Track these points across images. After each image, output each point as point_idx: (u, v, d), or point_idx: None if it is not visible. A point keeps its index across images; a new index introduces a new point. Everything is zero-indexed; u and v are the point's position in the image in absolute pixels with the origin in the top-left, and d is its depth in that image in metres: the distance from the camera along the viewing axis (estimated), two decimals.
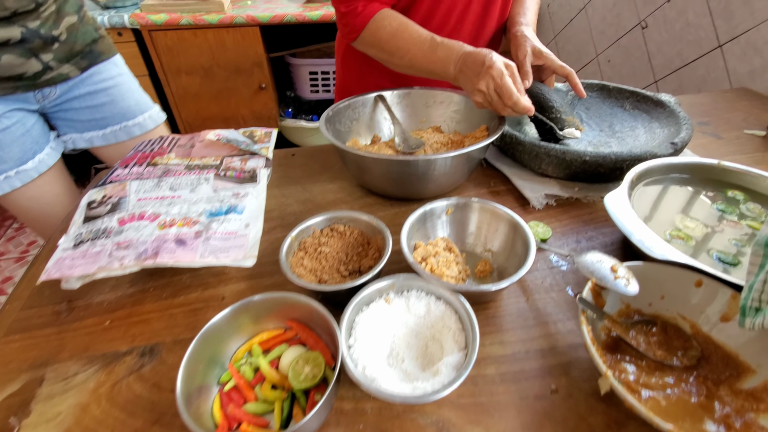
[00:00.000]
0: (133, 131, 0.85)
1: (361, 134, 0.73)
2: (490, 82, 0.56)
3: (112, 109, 0.82)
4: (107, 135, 0.83)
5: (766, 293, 0.32)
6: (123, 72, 0.84)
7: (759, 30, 1.02)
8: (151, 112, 0.88)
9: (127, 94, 0.84)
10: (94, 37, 0.78)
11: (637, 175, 0.52)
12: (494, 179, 0.67)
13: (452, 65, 0.62)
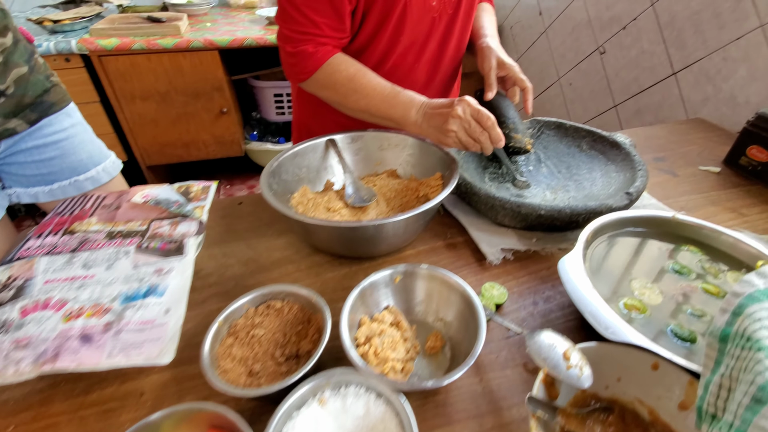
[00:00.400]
0: (85, 186, 0.77)
1: (312, 181, 0.69)
2: (466, 107, 0.56)
3: (61, 164, 0.74)
4: (54, 191, 0.75)
5: (722, 399, 0.29)
6: (76, 122, 0.77)
7: (711, 59, 1.04)
8: (106, 164, 0.81)
9: (79, 146, 0.76)
10: (46, 87, 0.71)
11: (592, 232, 0.50)
12: (451, 229, 0.63)
13: (414, 110, 0.61)
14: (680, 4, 1.09)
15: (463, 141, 0.57)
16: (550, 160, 0.74)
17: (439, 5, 0.68)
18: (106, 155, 0.81)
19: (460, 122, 0.55)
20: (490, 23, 0.80)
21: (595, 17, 1.38)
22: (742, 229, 0.62)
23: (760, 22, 0.91)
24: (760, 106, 0.94)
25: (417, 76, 0.75)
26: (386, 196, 0.64)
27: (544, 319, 0.49)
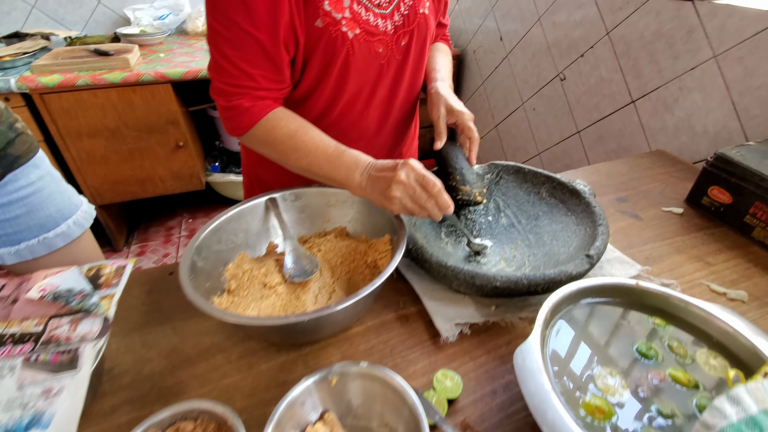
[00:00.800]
0: (55, 243, 0.70)
1: (252, 246, 0.63)
2: (410, 172, 0.50)
3: (28, 221, 0.67)
4: (21, 251, 0.67)
5: None
6: (43, 173, 0.69)
7: (667, 88, 1.04)
8: (77, 216, 0.73)
9: (47, 200, 0.69)
10: (10, 138, 0.63)
11: (551, 309, 0.45)
12: (404, 296, 0.58)
13: (358, 172, 0.55)
14: (634, 34, 1.09)
15: (408, 208, 0.52)
16: (509, 209, 0.69)
17: (386, 51, 0.64)
18: (77, 205, 0.74)
19: (404, 188, 0.50)
20: (443, 65, 0.76)
21: (553, 44, 1.38)
22: (709, 282, 0.59)
23: (713, 53, 0.91)
24: (718, 137, 0.94)
25: (367, 123, 0.70)
26: (331, 262, 0.58)
27: (504, 414, 0.44)
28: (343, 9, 0.57)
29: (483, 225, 0.68)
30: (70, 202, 0.73)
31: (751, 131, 0.87)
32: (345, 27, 0.57)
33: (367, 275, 0.58)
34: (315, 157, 0.57)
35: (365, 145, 0.72)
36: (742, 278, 0.59)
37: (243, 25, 0.53)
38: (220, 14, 0.53)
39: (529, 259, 0.60)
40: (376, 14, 0.60)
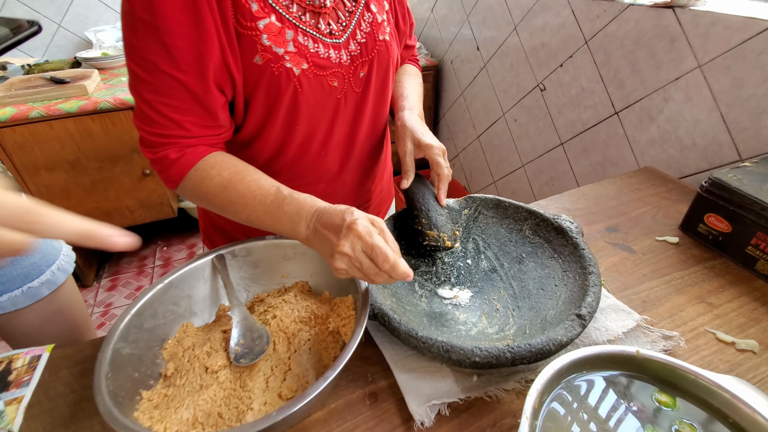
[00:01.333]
0: (40, 292, 0.66)
1: (198, 313, 0.55)
2: (356, 242, 0.41)
3: (12, 272, 0.63)
4: (3, 303, 0.63)
5: None
6: None
7: (651, 99, 0.99)
8: (60, 261, 0.69)
9: None
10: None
11: (540, 391, 0.38)
12: (374, 365, 0.50)
13: (303, 223, 0.46)
14: (614, 43, 1.04)
15: (358, 278, 0.44)
16: (490, 249, 0.63)
17: (342, 85, 0.56)
18: (58, 249, 0.69)
19: (349, 261, 0.42)
20: (411, 90, 0.69)
21: (531, 53, 1.32)
22: (714, 329, 0.52)
23: (698, 63, 0.86)
24: (707, 150, 0.89)
25: (326, 164, 0.63)
26: (288, 331, 0.50)
27: None
28: (285, 43, 0.50)
29: (462, 270, 0.61)
30: (52, 246, 0.68)
31: (743, 144, 0.82)
32: (289, 63, 0.50)
33: (330, 344, 0.50)
34: (253, 209, 0.49)
35: (325, 187, 0.64)
36: (750, 322, 0.53)
37: (165, 68, 0.45)
38: (139, 56, 0.45)
39: (514, 315, 0.53)
40: (326, 45, 0.53)
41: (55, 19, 1.93)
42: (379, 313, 0.48)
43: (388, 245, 0.41)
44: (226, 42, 0.47)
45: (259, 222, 0.50)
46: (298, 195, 0.49)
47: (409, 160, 0.60)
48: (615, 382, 0.41)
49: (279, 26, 0.49)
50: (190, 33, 0.45)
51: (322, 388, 0.37)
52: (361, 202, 0.73)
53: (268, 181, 0.50)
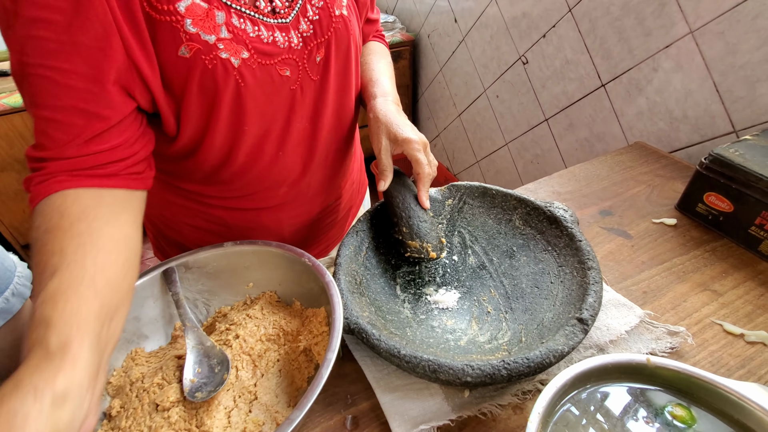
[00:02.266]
0: (14, 306, 0.55)
1: (149, 335, 0.48)
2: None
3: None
4: None
5: None
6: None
7: (640, 69, 0.93)
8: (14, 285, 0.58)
9: None
10: None
11: (546, 407, 0.33)
12: (354, 384, 0.45)
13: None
14: (599, 10, 0.97)
15: None
16: (477, 243, 0.57)
17: (296, 74, 0.47)
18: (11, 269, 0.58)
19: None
20: (382, 72, 0.61)
21: (512, 25, 1.25)
22: (720, 321, 0.48)
23: (690, 28, 0.81)
24: (699, 121, 0.84)
25: (286, 165, 0.54)
26: (254, 352, 0.44)
27: None
28: (216, 28, 0.40)
29: (447, 267, 0.55)
30: (3, 267, 0.58)
31: (737, 115, 0.78)
32: (225, 52, 0.41)
33: (302, 364, 0.44)
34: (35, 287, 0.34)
35: (288, 191, 0.56)
36: (758, 310, 0.49)
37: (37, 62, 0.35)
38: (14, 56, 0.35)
39: (507, 319, 0.47)
40: (270, 26, 0.44)
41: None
42: (355, 328, 0.42)
43: None
44: (129, 33, 0.37)
45: None
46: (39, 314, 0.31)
47: (385, 158, 0.53)
48: (624, 394, 0.36)
49: (205, 7, 0.40)
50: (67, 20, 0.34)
51: (295, 423, 0.31)
52: (330, 201, 0.65)
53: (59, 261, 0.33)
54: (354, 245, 0.53)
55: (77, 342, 0.30)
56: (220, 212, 0.58)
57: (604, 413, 0.35)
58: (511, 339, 0.44)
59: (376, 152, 0.53)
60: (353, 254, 0.52)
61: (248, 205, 0.57)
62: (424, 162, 0.50)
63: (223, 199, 0.57)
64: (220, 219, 0.59)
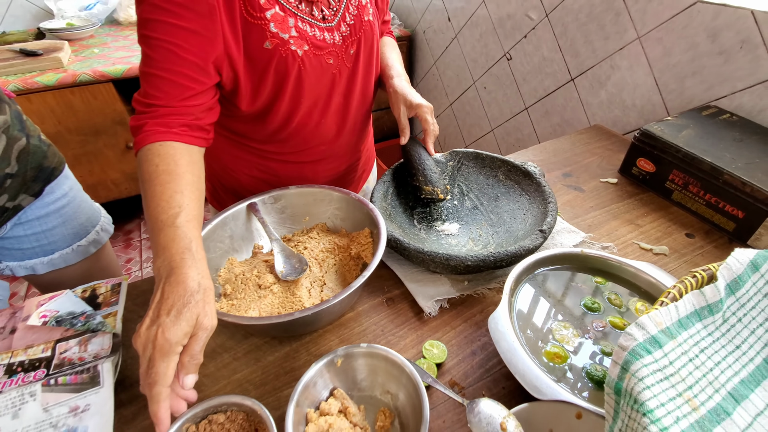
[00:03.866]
0: (88, 250, 0.72)
1: (238, 250, 0.66)
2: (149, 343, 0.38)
3: (63, 232, 0.68)
4: (54, 260, 0.69)
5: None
6: (73, 184, 0.71)
7: (601, 67, 1.14)
8: (102, 222, 0.75)
9: (79, 209, 0.70)
10: (44, 151, 0.63)
11: (514, 280, 0.53)
12: (388, 282, 0.64)
13: (159, 260, 0.44)
14: (570, 16, 1.18)
15: None
16: (472, 192, 0.77)
17: (337, 62, 0.66)
18: (99, 212, 0.76)
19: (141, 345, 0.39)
20: (395, 59, 0.80)
21: (498, 25, 1.45)
22: (638, 241, 0.70)
23: (638, 34, 1.02)
24: (644, 109, 1.06)
25: (325, 129, 0.73)
26: (318, 258, 0.63)
27: (483, 369, 0.52)
28: (288, 29, 0.59)
29: (450, 209, 0.75)
30: (93, 209, 0.75)
31: (670, 103, 1.00)
32: (294, 45, 0.59)
33: (352, 266, 0.63)
34: (149, 214, 0.47)
35: (326, 149, 0.75)
36: (665, 235, 0.71)
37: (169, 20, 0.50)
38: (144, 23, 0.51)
39: (493, 237, 0.68)
40: (321, 29, 0.63)
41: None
42: (391, 237, 0.61)
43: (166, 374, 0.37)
44: (229, 30, 0.54)
45: (149, 229, 0.48)
46: (183, 232, 0.45)
47: (404, 119, 0.72)
48: (565, 272, 0.57)
49: (282, 15, 0.58)
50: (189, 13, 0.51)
51: (362, 281, 0.50)
52: (353, 160, 0.84)
53: (182, 199, 0.48)
54: (382, 190, 0.72)
55: (203, 258, 0.45)
56: (274, 164, 0.76)
57: (553, 282, 0.56)
58: (496, 246, 0.64)
59: (397, 116, 0.72)
60: (382, 196, 0.71)
61: (296, 159, 0.76)
62: (431, 121, 0.70)
63: (278, 154, 0.75)
64: (273, 170, 0.77)
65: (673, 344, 0.36)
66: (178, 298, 0.40)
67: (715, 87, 0.90)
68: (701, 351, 0.37)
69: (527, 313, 0.52)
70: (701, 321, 0.39)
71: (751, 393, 0.36)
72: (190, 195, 0.49)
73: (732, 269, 0.40)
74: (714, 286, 0.39)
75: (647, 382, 0.33)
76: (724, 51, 0.87)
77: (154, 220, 0.46)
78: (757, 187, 0.65)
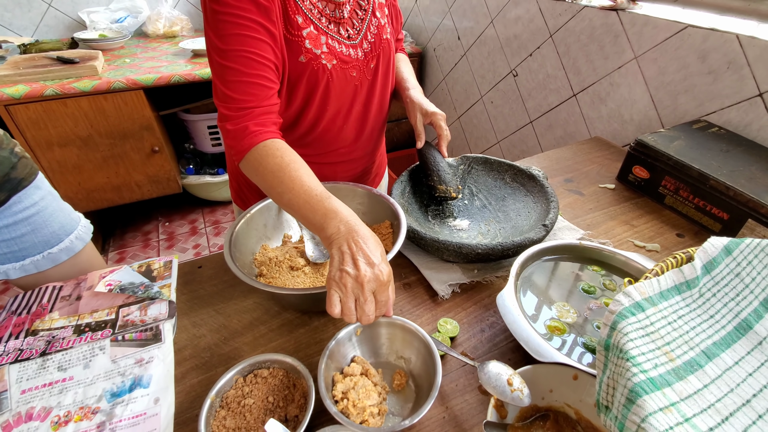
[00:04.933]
0: (59, 257, 0.74)
1: (270, 238, 0.73)
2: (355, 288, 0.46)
3: (33, 239, 0.71)
4: (26, 266, 0.71)
5: (610, 394, 0.39)
6: (45, 194, 0.73)
7: (601, 84, 1.23)
8: (78, 231, 0.77)
9: (50, 218, 0.72)
10: (12, 162, 0.67)
11: (520, 265, 0.60)
12: (405, 269, 0.71)
13: (336, 222, 0.51)
14: (572, 37, 1.27)
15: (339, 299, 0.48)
16: (481, 193, 0.84)
17: (359, 75, 0.75)
18: (76, 220, 0.78)
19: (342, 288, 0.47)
20: (409, 74, 0.89)
21: (505, 44, 1.55)
22: (633, 239, 0.77)
23: (635, 54, 1.11)
24: (641, 123, 1.14)
25: (345, 135, 0.81)
26: None
27: (491, 344, 0.58)
28: (321, 45, 0.68)
29: (461, 208, 0.82)
30: (70, 218, 0.77)
31: (665, 118, 1.08)
32: (324, 60, 0.68)
33: None
34: (297, 195, 0.55)
35: (346, 152, 0.83)
36: (657, 235, 0.78)
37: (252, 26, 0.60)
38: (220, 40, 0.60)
39: (500, 232, 0.75)
40: (347, 46, 0.72)
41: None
42: (409, 228, 0.68)
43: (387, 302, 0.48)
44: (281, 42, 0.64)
45: (296, 207, 0.56)
46: (337, 202, 0.55)
47: (420, 125, 0.80)
48: (566, 261, 0.64)
49: (316, 33, 0.67)
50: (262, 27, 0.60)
51: None
52: (369, 163, 0.92)
53: (317, 181, 0.57)
54: (400, 188, 0.80)
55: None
56: None
57: (554, 269, 0.63)
58: (504, 239, 0.71)
59: (413, 123, 0.80)
60: (400, 194, 0.79)
61: (318, 160, 0.84)
62: (444, 127, 0.78)
63: (303, 155, 0.82)
64: None
65: (655, 310, 0.43)
66: (376, 248, 0.49)
67: (705, 103, 0.98)
68: (679, 317, 0.44)
69: (530, 293, 0.59)
70: (680, 294, 0.45)
71: (722, 352, 0.42)
72: (317, 180, 0.58)
73: (708, 252, 0.47)
74: (691, 265, 0.46)
75: (631, 336, 0.40)
76: (713, 71, 0.95)
77: (308, 195, 0.54)
78: (740, 191, 0.72)
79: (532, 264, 0.63)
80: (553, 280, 0.61)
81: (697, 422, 0.36)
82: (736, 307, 0.46)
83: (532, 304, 0.58)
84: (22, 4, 1.92)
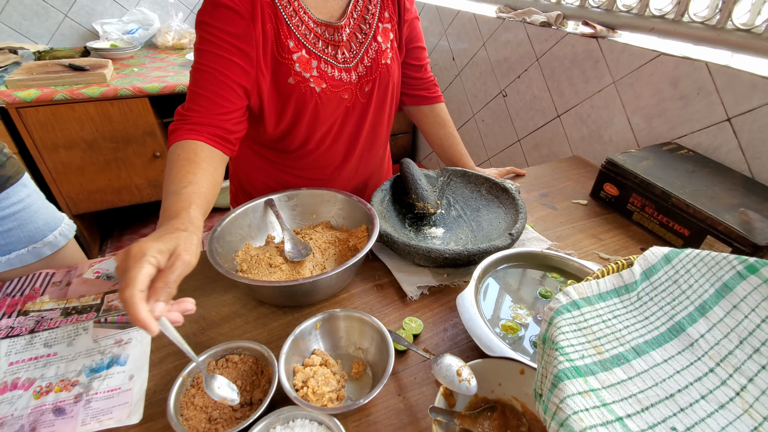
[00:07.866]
0: (43, 252, 0.78)
1: (254, 237, 0.78)
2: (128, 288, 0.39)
3: (19, 234, 0.75)
4: (12, 260, 0.75)
5: (543, 383, 0.43)
6: (31, 192, 0.77)
7: (583, 106, 1.29)
8: (61, 228, 0.82)
9: (35, 215, 0.77)
10: (2, 162, 0.72)
11: (482, 270, 0.64)
12: (379, 272, 0.75)
13: (159, 222, 0.51)
14: (556, 61, 1.34)
15: None
16: (458, 204, 0.89)
17: (351, 97, 0.79)
18: (60, 219, 0.83)
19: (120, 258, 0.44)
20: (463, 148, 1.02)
21: (496, 66, 1.61)
22: (598, 252, 0.81)
23: (613, 79, 1.17)
24: (618, 144, 1.19)
25: (334, 154, 0.85)
26: (321, 247, 0.75)
27: (452, 342, 0.62)
28: (311, 69, 0.72)
29: (438, 217, 0.87)
30: (54, 216, 0.82)
31: (641, 140, 1.13)
32: (312, 83, 0.73)
33: (349, 255, 0.75)
34: (165, 188, 0.57)
35: (332, 172, 0.88)
36: (622, 248, 0.82)
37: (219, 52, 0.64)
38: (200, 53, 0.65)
39: (472, 241, 0.79)
40: (340, 69, 0.76)
41: (62, 9, 2.06)
42: (383, 232, 0.73)
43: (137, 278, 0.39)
44: (264, 67, 0.68)
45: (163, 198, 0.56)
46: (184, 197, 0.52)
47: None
48: (527, 268, 0.68)
49: (307, 57, 0.72)
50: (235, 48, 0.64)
51: (355, 260, 0.62)
52: (358, 183, 0.96)
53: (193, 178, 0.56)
54: (380, 196, 0.84)
55: (198, 219, 0.52)
56: (287, 177, 0.89)
57: (515, 275, 0.67)
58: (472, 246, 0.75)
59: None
60: (380, 201, 0.83)
61: (307, 175, 0.89)
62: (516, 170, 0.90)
63: (293, 168, 0.88)
64: (286, 182, 0.90)
65: (590, 308, 0.46)
66: (165, 231, 0.45)
67: (677, 127, 1.04)
68: (615, 317, 0.47)
69: (490, 295, 0.63)
70: (618, 297, 0.49)
71: (653, 350, 0.46)
72: (203, 177, 0.57)
73: (648, 260, 0.51)
74: (630, 270, 0.50)
75: (563, 329, 0.43)
76: (683, 96, 1.01)
77: (165, 193, 0.53)
78: (699, 209, 0.76)
79: (497, 269, 0.67)
80: (514, 285, 0.65)
81: (615, 408, 0.39)
82: (672, 311, 0.50)
83: (491, 306, 0.61)
84: (40, 13, 2.02)
